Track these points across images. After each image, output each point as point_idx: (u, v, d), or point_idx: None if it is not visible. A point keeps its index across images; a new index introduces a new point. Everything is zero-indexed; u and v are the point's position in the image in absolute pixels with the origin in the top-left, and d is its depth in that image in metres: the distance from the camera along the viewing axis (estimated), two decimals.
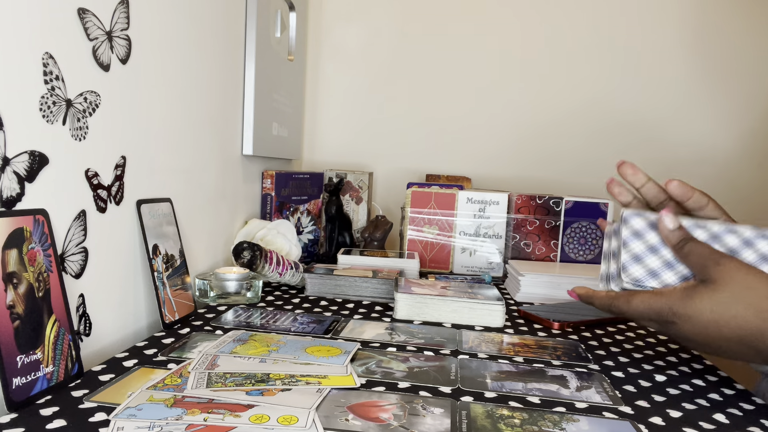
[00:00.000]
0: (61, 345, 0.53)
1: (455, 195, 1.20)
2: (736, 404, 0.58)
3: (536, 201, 1.18)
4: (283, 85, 1.26)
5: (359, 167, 1.51)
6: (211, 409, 0.48)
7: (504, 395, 0.56)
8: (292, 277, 0.95)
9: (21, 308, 0.49)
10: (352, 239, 1.26)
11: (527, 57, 1.47)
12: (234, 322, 0.75)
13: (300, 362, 0.60)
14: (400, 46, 1.50)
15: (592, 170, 1.45)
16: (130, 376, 0.55)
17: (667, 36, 1.42)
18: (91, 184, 0.62)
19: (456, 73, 1.49)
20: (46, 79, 0.54)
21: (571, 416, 0.52)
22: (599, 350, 0.73)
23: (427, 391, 0.56)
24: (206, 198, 0.94)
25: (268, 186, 1.17)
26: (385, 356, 0.65)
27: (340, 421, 0.48)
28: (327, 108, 1.54)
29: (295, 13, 1.30)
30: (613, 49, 1.44)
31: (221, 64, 0.96)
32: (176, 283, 0.75)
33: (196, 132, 0.88)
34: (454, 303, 0.81)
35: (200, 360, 0.59)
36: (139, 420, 0.46)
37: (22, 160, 0.52)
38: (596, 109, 1.46)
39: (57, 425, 0.45)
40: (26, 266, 0.50)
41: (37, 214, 0.53)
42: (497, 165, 1.50)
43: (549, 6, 1.45)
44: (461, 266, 1.20)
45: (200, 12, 0.86)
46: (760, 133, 1.41)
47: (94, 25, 0.60)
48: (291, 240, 1.07)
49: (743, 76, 1.41)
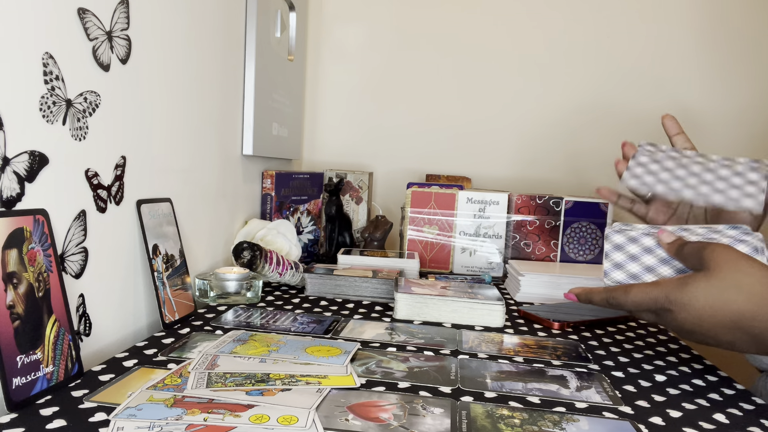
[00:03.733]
0: (61, 345, 0.53)
1: (455, 195, 1.20)
2: (736, 404, 0.57)
3: (536, 201, 1.18)
4: (283, 85, 1.26)
5: (359, 167, 1.51)
6: (211, 409, 0.48)
7: (504, 395, 0.56)
8: (292, 277, 0.95)
9: (21, 308, 0.49)
10: (352, 239, 1.26)
11: (527, 57, 1.47)
12: (234, 322, 0.75)
13: (300, 362, 0.60)
14: (400, 46, 1.50)
15: (592, 170, 1.45)
16: (130, 376, 0.55)
17: (667, 35, 1.42)
18: (91, 184, 0.62)
19: (456, 73, 1.49)
20: (46, 79, 0.54)
21: (571, 416, 0.52)
22: (599, 350, 0.73)
23: (427, 391, 0.56)
24: (206, 198, 0.94)
25: (268, 186, 1.17)
26: (385, 356, 0.65)
27: (340, 421, 0.48)
28: (327, 108, 1.54)
29: (295, 13, 1.30)
30: (613, 49, 1.44)
31: (221, 64, 0.96)
32: (176, 283, 0.75)
33: (196, 132, 0.88)
34: (454, 303, 0.81)
35: (200, 360, 0.59)
36: (139, 420, 0.46)
37: (22, 160, 0.52)
38: (597, 109, 1.46)
39: (57, 425, 0.45)
40: (26, 266, 0.50)
41: (37, 214, 0.53)
42: (497, 165, 1.50)
43: (550, 5, 1.45)
44: (461, 266, 1.20)
45: (200, 12, 0.86)
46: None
47: (94, 25, 0.60)
48: (291, 240, 1.07)
49: (752, 72, 1.40)
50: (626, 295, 0.60)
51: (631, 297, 0.60)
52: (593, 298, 0.65)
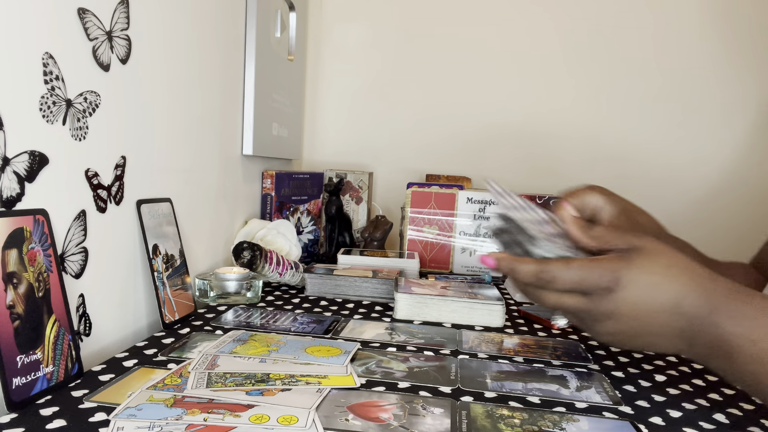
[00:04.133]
0: (61, 345, 0.53)
1: (455, 195, 1.20)
2: (736, 404, 0.57)
3: (536, 201, 1.18)
4: (283, 85, 1.26)
5: (359, 167, 1.51)
6: (211, 409, 0.48)
7: (504, 395, 0.56)
8: (292, 277, 0.95)
9: (21, 308, 0.49)
10: (352, 239, 1.26)
11: (528, 57, 1.47)
12: (234, 322, 0.75)
13: (300, 362, 0.60)
14: (400, 46, 1.50)
15: (592, 170, 1.45)
16: (130, 376, 0.55)
17: (666, 33, 1.42)
18: (91, 184, 0.62)
19: (456, 73, 1.49)
20: (46, 79, 0.54)
21: (571, 416, 0.52)
22: (599, 350, 0.73)
23: (427, 391, 0.56)
24: (206, 198, 0.94)
25: (268, 186, 1.17)
26: (385, 356, 0.65)
27: (340, 421, 0.48)
28: (327, 108, 1.54)
29: (295, 13, 1.30)
30: (614, 48, 1.44)
31: (221, 64, 0.96)
32: (176, 283, 0.75)
33: (196, 132, 0.88)
34: (454, 303, 0.81)
35: (200, 360, 0.59)
36: (139, 420, 0.46)
37: (22, 160, 0.52)
38: (597, 109, 1.46)
39: (57, 425, 0.45)
40: (26, 266, 0.50)
41: (37, 214, 0.53)
42: (497, 165, 1.50)
43: (550, 5, 1.45)
44: (461, 266, 1.20)
45: (200, 12, 0.86)
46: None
47: (94, 25, 0.60)
48: (291, 240, 1.07)
49: (751, 71, 1.40)
50: (567, 268, 0.51)
51: (573, 270, 0.51)
52: (519, 268, 0.53)
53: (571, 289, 0.51)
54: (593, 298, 0.50)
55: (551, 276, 0.51)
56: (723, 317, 0.47)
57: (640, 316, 0.49)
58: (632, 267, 0.49)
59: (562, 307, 0.53)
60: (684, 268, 0.49)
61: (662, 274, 0.49)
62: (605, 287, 0.49)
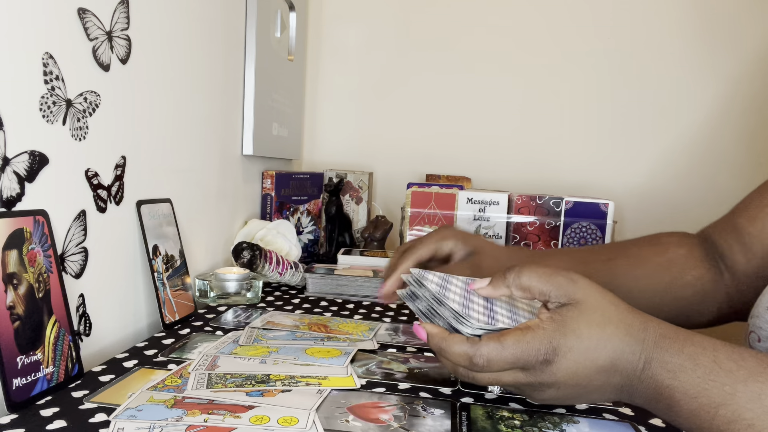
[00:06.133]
0: (61, 345, 0.53)
1: (455, 195, 1.20)
2: None
3: (536, 201, 1.18)
4: (283, 85, 1.26)
5: (359, 167, 1.51)
6: (212, 410, 0.48)
7: (504, 396, 0.56)
8: (292, 277, 0.95)
9: (21, 309, 0.49)
10: (352, 239, 1.26)
11: (527, 56, 1.47)
12: (234, 323, 0.75)
13: (300, 363, 0.60)
14: (401, 46, 1.50)
15: (592, 170, 1.45)
16: (130, 376, 0.55)
17: (665, 34, 1.42)
18: (91, 184, 0.62)
19: (456, 73, 1.49)
20: (46, 79, 0.54)
21: (571, 418, 0.52)
22: None
23: (427, 392, 0.56)
24: (206, 198, 0.93)
25: (268, 186, 1.17)
26: (386, 357, 0.65)
27: (340, 422, 0.48)
28: (327, 108, 1.54)
29: (295, 13, 1.30)
30: (613, 47, 1.44)
31: (221, 64, 0.96)
32: (176, 284, 0.75)
33: (196, 132, 0.88)
34: None
35: (200, 361, 0.59)
36: (140, 421, 0.46)
37: (22, 160, 0.52)
38: (597, 109, 1.46)
39: (57, 426, 0.45)
40: (26, 267, 0.50)
41: (37, 215, 0.52)
42: (497, 165, 1.50)
43: (550, 5, 1.45)
44: None
45: (200, 12, 0.86)
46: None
47: (94, 25, 0.60)
48: (291, 240, 1.07)
49: (745, 68, 1.40)
50: (501, 348, 0.46)
51: (509, 350, 0.46)
52: (450, 347, 0.48)
53: (508, 369, 0.48)
54: (532, 372, 0.47)
55: (485, 360, 0.47)
56: (658, 369, 0.45)
57: (580, 381, 0.47)
58: (568, 334, 0.46)
59: (499, 383, 0.49)
60: (618, 323, 0.47)
61: (598, 337, 0.46)
62: (543, 360, 0.46)
